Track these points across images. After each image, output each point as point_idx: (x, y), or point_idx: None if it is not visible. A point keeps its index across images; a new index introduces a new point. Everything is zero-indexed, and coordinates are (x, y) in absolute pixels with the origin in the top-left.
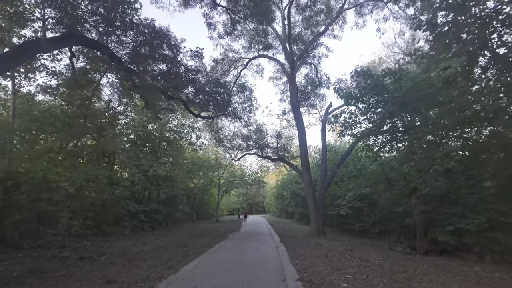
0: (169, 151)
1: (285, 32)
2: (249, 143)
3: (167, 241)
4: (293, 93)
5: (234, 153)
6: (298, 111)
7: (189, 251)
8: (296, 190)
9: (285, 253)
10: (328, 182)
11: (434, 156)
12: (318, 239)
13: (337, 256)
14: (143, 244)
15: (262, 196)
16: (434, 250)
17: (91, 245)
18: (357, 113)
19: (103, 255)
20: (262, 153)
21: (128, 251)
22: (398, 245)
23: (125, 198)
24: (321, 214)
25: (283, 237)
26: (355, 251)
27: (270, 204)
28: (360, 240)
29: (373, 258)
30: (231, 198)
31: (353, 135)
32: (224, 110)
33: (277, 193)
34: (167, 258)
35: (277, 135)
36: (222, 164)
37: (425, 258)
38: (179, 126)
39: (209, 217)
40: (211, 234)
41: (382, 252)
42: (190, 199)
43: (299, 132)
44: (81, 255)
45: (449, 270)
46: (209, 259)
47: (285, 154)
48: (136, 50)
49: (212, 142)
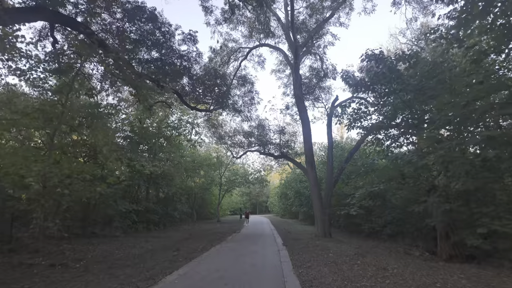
0: (166, 147)
1: (287, 18)
2: (250, 140)
3: (159, 244)
4: (297, 83)
5: (235, 150)
6: (302, 103)
7: (180, 256)
8: (300, 189)
9: (288, 259)
10: (335, 180)
11: (468, 143)
12: (324, 241)
13: (347, 263)
14: (131, 247)
15: (266, 196)
16: (458, 256)
17: (71, 249)
18: (367, 104)
19: (80, 261)
20: (264, 150)
21: (112, 255)
22: (414, 249)
23: (117, 197)
24: (327, 214)
25: (286, 240)
26: (367, 256)
27: (274, 204)
28: (370, 242)
29: (391, 266)
30: (234, 198)
31: (363, 127)
32: (223, 103)
33: (281, 192)
34: (151, 265)
35: (280, 130)
36: (223, 163)
37: (451, 266)
38: (177, 122)
39: (211, 217)
40: (209, 235)
41: (398, 258)
42: (190, 198)
43: (303, 126)
44: (54, 261)
45: (487, 283)
46: (198, 267)
47: (289, 151)
48: (120, 32)
49: (213, 139)
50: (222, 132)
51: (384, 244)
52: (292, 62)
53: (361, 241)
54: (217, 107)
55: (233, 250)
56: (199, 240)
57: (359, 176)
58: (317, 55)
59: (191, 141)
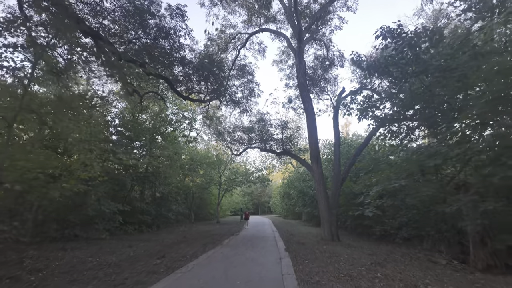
0: (159, 143)
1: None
2: (251, 136)
3: (144, 249)
4: (301, 70)
5: (235, 147)
6: (307, 92)
7: (162, 265)
8: (304, 189)
9: (291, 270)
10: (343, 178)
11: None
12: (332, 245)
13: (365, 277)
14: (109, 253)
15: (268, 196)
16: (498, 266)
17: (35, 257)
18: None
19: (39, 272)
20: (265, 146)
21: (82, 264)
22: (437, 255)
23: (99, 196)
24: (334, 215)
25: (289, 243)
26: (387, 266)
27: (276, 204)
28: (383, 247)
29: (422, 281)
30: (235, 198)
31: (375, 117)
32: (219, 92)
33: (283, 192)
34: (123, 278)
35: (283, 125)
36: (223, 161)
37: (494, 279)
38: (172, 117)
39: (210, 218)
40: (204, 238)
41: (424, 268)
42: (188, 198)
43: (307, 117)
44: (5, 273)
45: None
46: (177, 283)
47: (292, 148)
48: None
49: (212, 136)
50: (221, 128)
51: (400, 249)
52: (296, 47)
53: (372, 245)
54: (213, 96)
55: (227, 258)
56: (191, 244)
57: (372, 172)
58: (322, 42)
59: (187, 136)
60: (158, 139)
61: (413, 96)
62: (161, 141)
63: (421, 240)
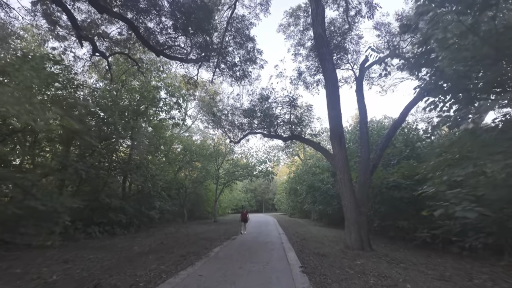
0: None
1: None
2: (252, 120)
3: (73, 269)
4: (318, 17)
5: (233, 133)
6: (326, 47)
7: None
8: (314, 183)
9: None
10: (373, 165)
11: None
12: (367, 259)
13: None
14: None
15: (272, 193)
16: None
17: None
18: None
19: None
20: (270, 131)
21: None
22: None
23: (36, 189)
24: (364, 215)
25: (304, 255)
26: None
27: (281, 201)
28: (437, 260)
29: None
30: (236, 194)
31: (422, 79)
32: (208, 50)
33: (289, 188)
34: None
35: (291, 102)
36: (221, 152)
37: None
38: (150, 91)
39: (207, 217)
40: (188, 245)
41: None
42: (181, 194)
43: (327, 84)
44: None
45: None
46: None
47: (303, 130)
48: None
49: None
50: (215, 109)
51: (465, 262)
52: None
53: (419, 257)
54: (200, 54)
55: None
56: (164, 256)
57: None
58: None
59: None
60: (135, 120)
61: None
62: (138, 124)
63: (498, 251)
